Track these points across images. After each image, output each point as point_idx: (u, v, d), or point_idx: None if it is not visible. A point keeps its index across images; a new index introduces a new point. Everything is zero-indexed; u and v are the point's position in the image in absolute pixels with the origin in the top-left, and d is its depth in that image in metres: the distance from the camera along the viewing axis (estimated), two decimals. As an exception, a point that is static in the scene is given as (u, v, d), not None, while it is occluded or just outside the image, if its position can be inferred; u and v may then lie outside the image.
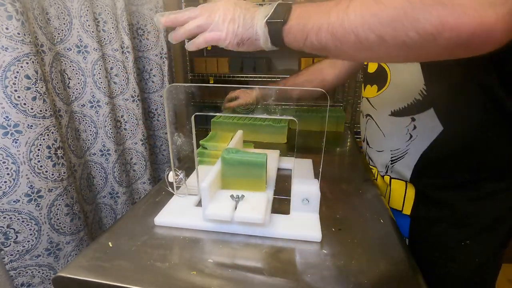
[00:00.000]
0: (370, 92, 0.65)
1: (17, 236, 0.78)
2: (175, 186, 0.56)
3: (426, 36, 0.31)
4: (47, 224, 0.82)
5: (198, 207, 0.53)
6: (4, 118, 0.71)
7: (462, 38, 0.29)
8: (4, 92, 0.70)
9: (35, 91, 0.75)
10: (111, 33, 1.03)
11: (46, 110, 0.78)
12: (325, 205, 0.53)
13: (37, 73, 0.75)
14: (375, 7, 0.33)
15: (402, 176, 0.61)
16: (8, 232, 0.76)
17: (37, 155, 0.77)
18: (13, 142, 0.73)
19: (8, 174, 0.74)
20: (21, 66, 0.72)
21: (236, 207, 0.47)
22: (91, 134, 1.04)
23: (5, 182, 0.74)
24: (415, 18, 0.30)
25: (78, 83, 0.98)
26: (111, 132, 1.07)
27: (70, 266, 0.40)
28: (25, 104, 0.73)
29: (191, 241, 0.45)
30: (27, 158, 0.75)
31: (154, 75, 1.27)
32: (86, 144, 1.04)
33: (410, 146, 0.57)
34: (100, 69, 0.99)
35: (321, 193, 0.49)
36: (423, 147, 0.55)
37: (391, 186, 0.63)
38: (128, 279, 0.38)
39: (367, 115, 0.67)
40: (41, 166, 0.78)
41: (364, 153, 0.74)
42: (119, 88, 1.09)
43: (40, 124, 0.77)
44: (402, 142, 0.58)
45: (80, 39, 0.95)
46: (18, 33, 0.70)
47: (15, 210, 0.76)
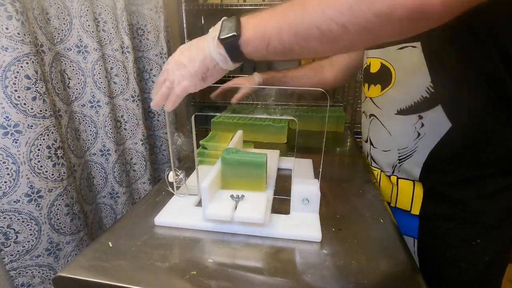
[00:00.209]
0: (373, 91, 0.64)
1: (17, 236, 0.78)
2: (175, 186, 0.56)
3: (382, 17, 0.33)
4: (47, 224, 0.82)
5: (198, 207, 0.53)
6: (4, 118, 0.71)
7: (411, 13, 0.32)
8: (4, 92, 0.70)
9: (35, 91, 0.75)
10: (111, 33, 1.03)
11: (46, 110, 0.78)
12: (325, 205, 0.53)
13: (37, 73, 0.75)
14: None
15: (410, 175, 0.60)
16: (8, 232, 0.76)
17: (37, 155, 0.77)
18: (13, 142, 0.73)
19: (8, 174, 0.74)
20: (21, 66, 0.72)
21: (236, 207, 0.47)
22: (91, 134, 1.04)
23: (5, 182, 0.74)
24: (371, 1, 0.32)
25: (78, 83, 0.98)
26: (111, 132, 1.07)
27: (70, 266, 0.40)
28: (25, 104, 0.73)
29: (191, 241, 0.45)
30: (27, 158, 0.75)
31: (154, 75, 1.27)
32: (86, 144, 1.04)
33: (418, 144, 0.57)
34: (100, 69, 0.99)
35: (321, 193, 0.49)
36: (432, 145, 0.55)
37: (398, 186, 0.63)
38: (128, 279, 0.38)
39: (371, 115, 0.67)
40: (41, 166, 0.78)
41: (366, 154, 0.73)
42: (119, 88, 1.09)
43: (40, 124, 0.77)
44: (410, 140, 0.58)
45: (80, 39, 0.95)
46: (18, 33, 0.70)
47: (15, 210, 0.76)
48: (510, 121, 0.50)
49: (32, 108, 0.75)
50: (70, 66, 0.95)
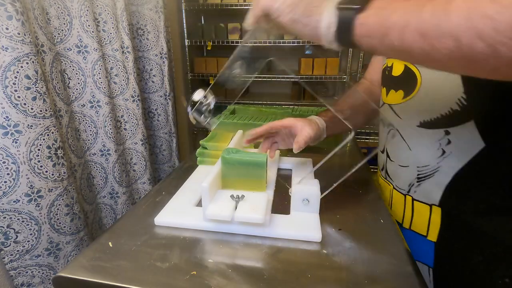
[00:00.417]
0: (394, 98, 0.56)
1: (17, 236, 0.78)
2: (197, 107, 0.49)
3: None
4: (47, 224, 0.82)
5: (198, 207, 0.53)
6: (4, 118, 0.71)
7: None
8: (4, 92, 0.70)
9: (35, 91, 0.75)
10: (111, 33, 1.03)
11: (46, 110, 0.78)
12: (325, 205, 0.53)
13: (37, 73, 0.75)
14: (489, 7, 0.25)
15: (428, 198, 0.53)
16: (8, 232, 0.76)
17: (37, 155, 0.77)
18: (13, 142, 0.73)
19: (8, 174, 0.74)
20: (21, 66, 0.72)
21: (236, 207, 0.47)
22: (91, 134, 1.04)
23: (5, 182, 0.74)
24: None
25: (78, 83, 0.98)
26: (111, 132, 1.07)
27: (70, 266, 0.40)
28: (25, 104, 0.73)
29: (191, 241, 0.45)
30: (27, 158, 0.75)
31: (154, 75, 1.28)
32: (86, 144, 1.04)
33: (442, 163, 0.49)
34: (100, 69, 1.00)
35: (321, 193, 0.49)
36: (458, 165, 0.48)
37: (414, 208, 0.55)
38: (128, 279, 0.38)
39: (390, 125, 0.59)
40: (41, 166, 0.78)
41: (382, 166, 0.64)
42: (119, 88, 1.09)
43: (40, 124, 0.77)
44: (432, 158, 0.50)
45: (80, 39, 0.95)
46: (18, 33, 0.70)
47: (15, 210, 0.76)
48: None
49: (32, 108, 0.75)
50: (70, 66, 0.95)
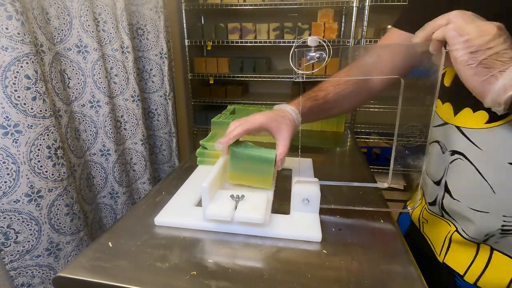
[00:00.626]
0: (470, 120, 0.44)
1: (17, 236, 0.78)
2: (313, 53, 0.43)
3: None
4: (47, 224, 0.82)
5: (198, 207, 0.53)
6: (4, 118, 0.71)
7: None
8: (4, 92, 0.70)
9: (35, 91, 0.75)
10: (111, 33, 1.03)
11: (46, 110, 0.78)
12: (325, 205, 0.53)
13: (37, 73, 0.75)
14: None
15: None
16: (8, 232, 0.76)
17: (37, 155, 0.77)
18: (13, 142, 0.73)
19: (8, 174, 0.74)
20: (21, 66, 0.72)
21: (236, 207, 0.47)
22: (91, 134, 1.04)
23: (5, 182, 0.74)
24: None
25: (78, 83, 0.98)
26: (111, 132, 1.07)
27: (70, 266, 0.40)
28: (25, 104, 0.73)
29: (191, 241, 0.45)
30: (27, 158, 0.75)
31: (154, 75, 1.28)
32: (86, 144, 1.04)
33: None
34: (100, 69, 1.00)
35: (321, 193, 0.49)
36: None
37: (492, 259, 0.45)
38: (128, 279, 0.38)
39: (456, 152, 0.46)
40: (41, 166, 0.78)
41: (435, 199, 0.51)
42: (119, 88, 1.09)
43: (40, 124, 0.77)
44: None
45: (80, 39, 0.95)
46: (18, 33, 0.70)
47: (15, 210, 0.76)
48: None
49: (32, 108, 0.75)
50: (70, 66, 0.95)
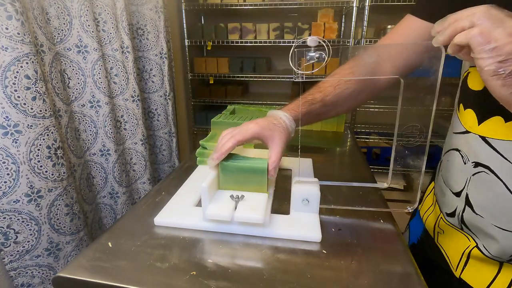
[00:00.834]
0: (498, 129, 0.40)
1: (17, 237, 0.78)
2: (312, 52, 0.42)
3: None
4: (47, 224, 0.82)
5: (198, 207, 0.53)
6: (4, 118, 0.71)
7: None
8: (4, 92, 0.70)
9: (35, 91, 0.75)
10: (111, 33, 1.03)
11: (46, 110, 0.78)
12: (325, 206, 0.53)
13: (37, 73, 0.75)
14: None
15: None
16: (8, 232, 0.76)
17: (37, 155, 0.77)
18: (13, 142, 0.73)
19: (8, 174, 0.74)
20: (21, 66, 0.72)
21: (236, 207, 0.47)
22: (91, 134, 1.04)
23: (5, 182, 0.74)
24: None
25: (78, 83, 0.98)
26: (111, 132, 1.07)
27: (70, 266, 0.40)
28: (25, 104, 0.73)
29: (191, 241, 0.45)
30: (27, 158, 0.75)
31: (154, 75, 1.28)
32: (86, 144, 1.04)
33: None
34: (100, 69, 1.00)
35: (321, 193, 0.49)
36: None
37: None
38: (128, 279, 0.38)
39: (480, 165, 0.42)
40: (41, 166, 0.78)
41: (453, 211, 0.47)
42: (119, 88, 1.09)
43: (40, 124, 0.77)
44: None
45: (80, 39, 0.95)
46: (18, 33, 0.70)
47: (15, 210, 0.76)
48: None
49: (32, 108, 0.75)
50: (70, 66, 0.95)
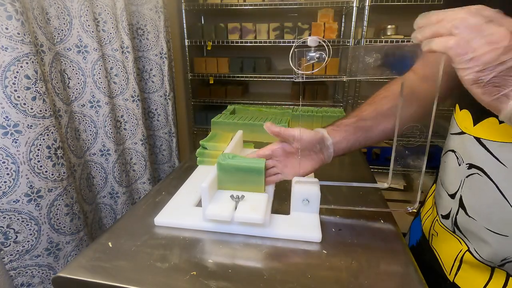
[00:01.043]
0: (492, 130, 0.38)
1: (17, 236, 0.78)
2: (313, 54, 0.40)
3: None
4: (47, 224, 0.82)
5: (198, 207, 0.53)
6: (4, 118, 0.71)
7: None
8: (4, 92, 0.70)
9: (35, 91, 0.75)
10: (111, 33, 1.03)
11: (46, 110, 0.78)
12: (325, 205, 0.53)
13: (36, 73, 0.75)
14: None
15: None
16: (8, 232, 0.76)
17: (37, 155, 0.77)
18: (13, 142, 0.73)
19: (8, 174, 0.74)
20: (21, 66, 0.72)
21: (236, 208, 0.47)
22: (91, 134, 1.04)
23: (5, 182, 0.74)
24: None
25: (78, 83, 0.98)
26: (111, 132, 1.07)
27: (70, 266, 0.40)
28: (25, 104, 0.73)
29: (191, 241, 0.45)
30: (27, 158, 0.75)
31: (154, 75, 1.28)
32: (86, 144, 1.04)
33: None
34: (100, 69, 1.00)
35: (321, 193, 0.49)
36: None
37: (508, 286, 0.41)
38: (128, 280, 0.38)
39: (473, 166, 0.41)
40: (41, 166, 0.78)
41: (447, 213, 0.46)
42: (119, 88, 1.09)
43: (40, 124, 0.77)
44: None
45: (80, 39, 0.95)
46: (18, 33, 0.70)
47: (15, 210, 0.76)
48: None
49: (32, 108, 0.75)
50: (70, 66, 0.95)
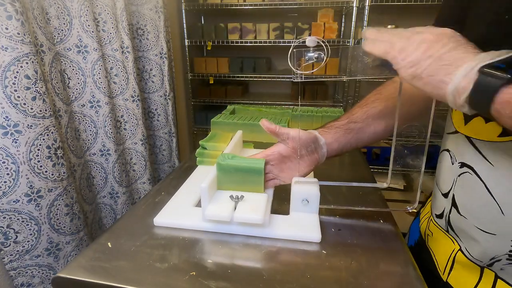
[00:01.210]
0: (480, 129, 0.39)
1: (17, 236, 0.78)
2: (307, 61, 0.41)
3: None
4: (47, 224, 0.82)
5: (197, 207, 0.53)
6: (4, 118, 0.71)
7: None
8: (4, 92, 0.70)
9: (35, 91, 0.75)
10: (111, 33, 1.03)
11: (46, 110, 0.78)
12: (324, 206, 0.53)
13: (36, 73, 0.75)
14: None
15: None
16: (8, 232, 0.76)
17: (37, 155, 0.77)
18: (13, 142, 0.73)
19: (8, 174, 0.74)
20: (21, 66, 0.72)
21: (235, 208, 0.47)
22: (91, 134, 1.04)
23: (5, 182, 0.74)
24: None
25: (78, 83, 0.98)
26: (111, 132, 1.07)
27: (70, 266, 0.40)
28: (25, 104, 0.73)
29: (190, 242, 0.45)
30: (27, 158, 0.75)
31: (154, 75, 1.28)
32: (86, 144, 1.04)
33: None
34: (100, 69, 1.00)
35: (320, 193, 0.49)
36: None
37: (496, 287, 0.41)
38: (128, 280, 0.38)
39: (465, 165, 0.41)
40: (41, 166, 0.78)
41: (441, 212, 0.46)
42: (119, 88, 1.09)
43: (40, 124, 0.77)
44: None
45: (80, 39, 0.95)
46: (18, 33, 0.70)
47: (15, 210, 0.76)
48: None
49: (32, 108, 0.75)
50: (70, 66, 0.95)
